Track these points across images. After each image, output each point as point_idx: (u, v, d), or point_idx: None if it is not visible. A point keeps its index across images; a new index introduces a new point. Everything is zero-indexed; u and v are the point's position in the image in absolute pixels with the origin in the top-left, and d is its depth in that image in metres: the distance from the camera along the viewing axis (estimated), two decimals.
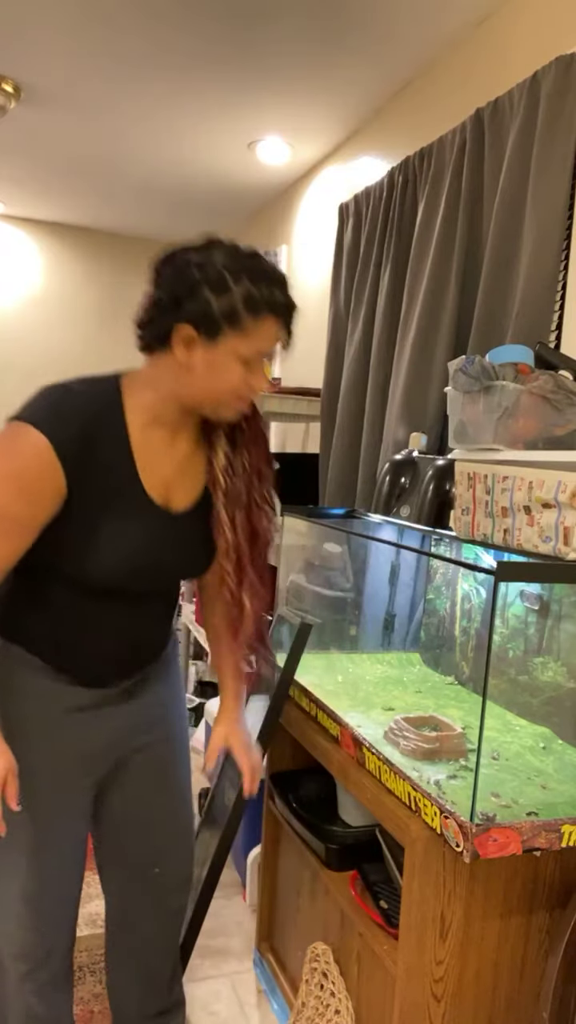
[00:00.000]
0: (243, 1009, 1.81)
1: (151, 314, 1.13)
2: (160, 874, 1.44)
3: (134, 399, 1.17)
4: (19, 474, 1.08)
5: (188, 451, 1.24)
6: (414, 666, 1.97)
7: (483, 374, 1.46)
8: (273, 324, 1.12)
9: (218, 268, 1.08)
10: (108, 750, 1.34)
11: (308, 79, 2.59)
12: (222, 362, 1.11)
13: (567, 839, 1.17)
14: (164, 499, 1.21)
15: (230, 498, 1.23)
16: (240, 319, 1.09)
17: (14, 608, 1.25)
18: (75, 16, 2.31)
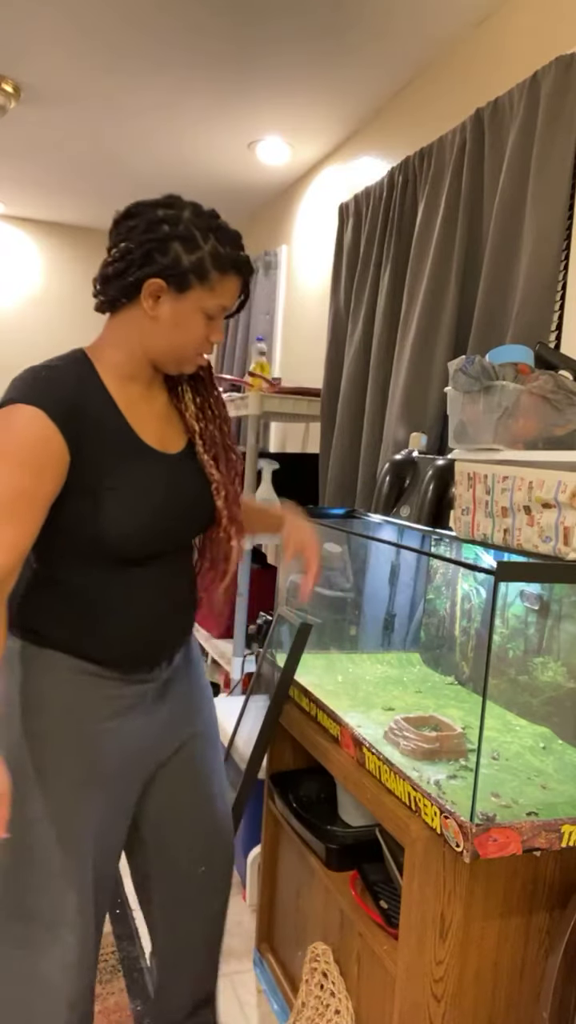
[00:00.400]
0: (243, 1009, 1.81)
1: (119, 267, 1.16)
2: (206, 872, 1.45)
3: (103, 362, 1.21)
4: (19, 448, 1.08)
5: (164, 404, 1.29)
6: (414, 666, 1.97)
7: (483, 374, 1.46)
8: (235, 281, 1.19)
9: (188, 225, 1.14)
10: (150, 754, 1.34)
11: (308, 79, 2.59)
12: (188, 314, 1.17)
13: (567, 839, 1.17)
14: (160, 446, 1.24)
15: (207, 441, 1.29)
16: (208, 274, 1.15)
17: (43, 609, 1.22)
18: (75, 16, 2.31)
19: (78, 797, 1.23)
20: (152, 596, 1.26)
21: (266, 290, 3.75)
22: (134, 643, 1.26)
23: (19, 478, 1.07)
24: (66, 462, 1.11)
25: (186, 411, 1.30)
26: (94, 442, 1.14)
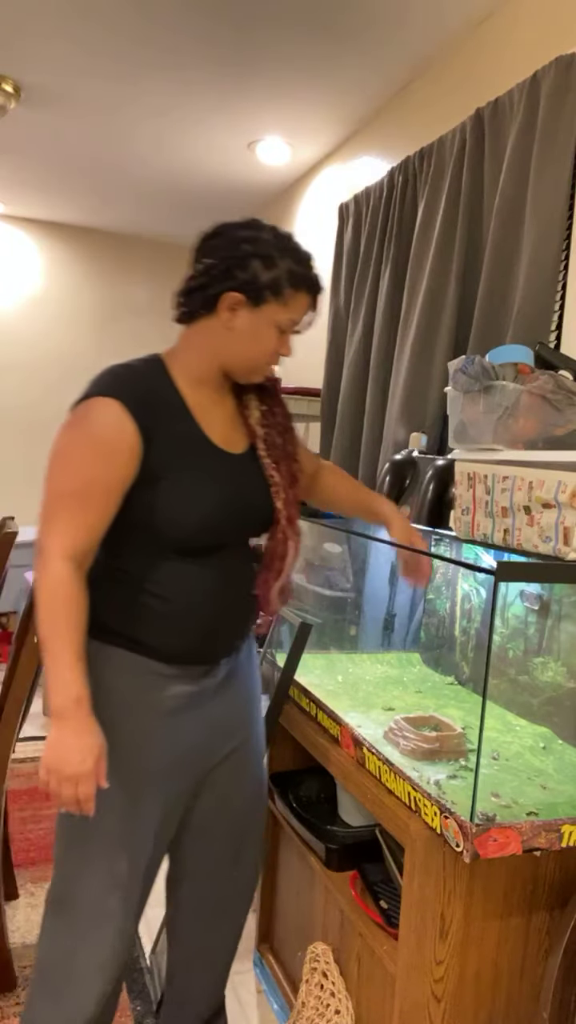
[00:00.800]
0: (243, 1009, 1.81)
1: (201, 281, 1.24)
2: (236, 876, 1.48)
3: (178, 366, 1.28)
4: (96, 438, 1.16)
5: (231, 408, 1.35)
6: (414, 666, 1.97)
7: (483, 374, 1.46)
8: (306, 299, 1.27)
9: (266, 245, 1.23)
10: (205, 755, 1.36)
11: (308, 79, 2.59)
12: (262, 327, 1.25)
13: (567, 839, 1.17)
14: (226, 445, 1.30)
15: (269, 446, 1.35)
16: (282, 290, 1.23)
17: (107, 600, 1.25)
18: (75, 16, 2.31)
19: (131, 792, 1.26)
20: (210, 590, 1.29)
21: None
22: (192, 637, 1.28)
23: (95, 465, 1.16)
24: (138, 452, 1.18)
25: (250, 417, 1.35)
26: (164, 436, 1.21)
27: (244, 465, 1.31)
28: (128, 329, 4.83)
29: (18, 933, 1.99)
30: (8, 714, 1.66)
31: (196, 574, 1.27)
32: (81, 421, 1.18)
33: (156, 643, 1.26)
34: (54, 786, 1.12)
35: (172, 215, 4.26)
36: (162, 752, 1.28)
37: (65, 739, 1.11)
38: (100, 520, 1.17)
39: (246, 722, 1.43)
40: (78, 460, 1.16)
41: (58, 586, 1.13)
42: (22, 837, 2.45)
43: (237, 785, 1.44)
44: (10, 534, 2.37)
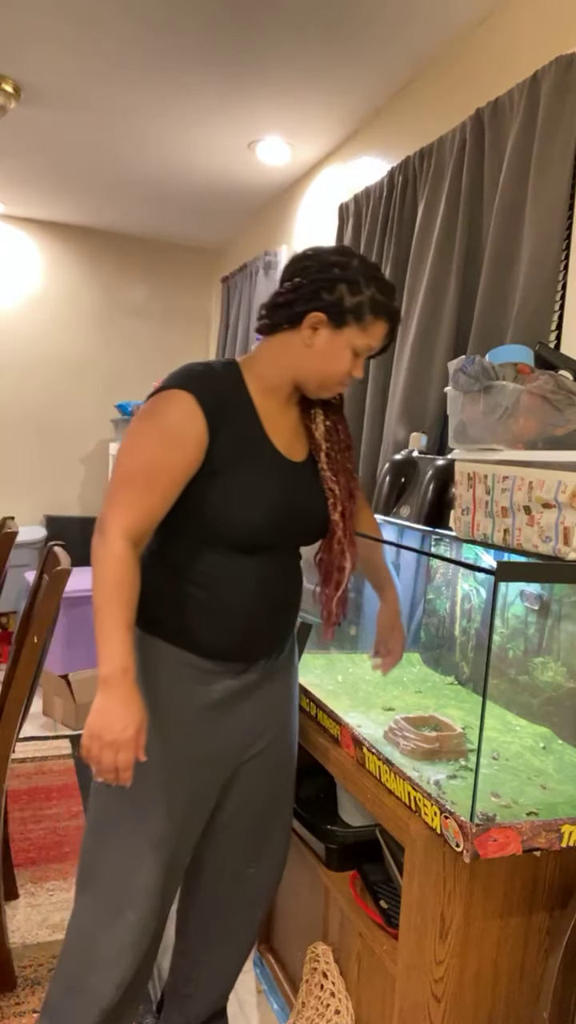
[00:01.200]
0: (243, 1009, 1.81)
1: (289, 298, 1.30)
2: (254, 875, 1.50)
3: (252, 373, 1.34)
4: (167, 426, 1.23)
5: (297, 419, 1.40)
6: (414, 666, 1.97)
7: (483, 374, 1.46)
8: (385, 327, 1.32)
9: (355, 272, 1.28)
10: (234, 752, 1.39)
11: (308, 79, 2.59)
12: (339, 348, 1.30)
13: (567, 839, 1.17)
14: (288, 452, 1.36)
15: (331, 460, 1.40)
16: (363, 316, 1.29)
17: (154, 589, 1.29)
18: (75, 16, 2.31)
19: (160, 779, 1.28)
20: (256, 588, 1.32)
21: (266, 290, 3.75)
22: (232, 634, 1.32)
23: (162, 452, 1.22)
24: (204, 444, 1.24)
25: (316, 430, 1.40)
26: (229, 433, 1.27)
27: (303, 474, 1.37)
28: (127, 329, 4.83)
29: (18, 933, 1.99)
30: (8, 714, 1.66)
31: (243, 570, 1.31)
32: (155, 410, 1.25)
33: (197, 636, 1.30)
34: (95, 752, 1.15)
35: (172, 215, 4.26)
36: (194, 744, 1.32)
37: (110, 706, 1.15)
38: (160, 504, 1.23)
39: (279, 724, 1.45)
40: (148, 445, 1.23)
41: (114, 562, 1.18)
42: (22, 837, 2.45)
43: (263, 785, 1.46)
44: (10, 534, 2.37)
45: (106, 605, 1.18)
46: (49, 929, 2.01)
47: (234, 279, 4.28)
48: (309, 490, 1.37)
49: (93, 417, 4.79)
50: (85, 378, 4.77)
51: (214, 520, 1.27)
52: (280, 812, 1.51)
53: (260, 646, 1.36)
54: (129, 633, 1.18)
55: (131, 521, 1.20)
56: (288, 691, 1.48)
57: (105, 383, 4.80)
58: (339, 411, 1.45)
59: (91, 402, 4.78)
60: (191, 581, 1.30)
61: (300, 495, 1.34)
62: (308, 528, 1.38)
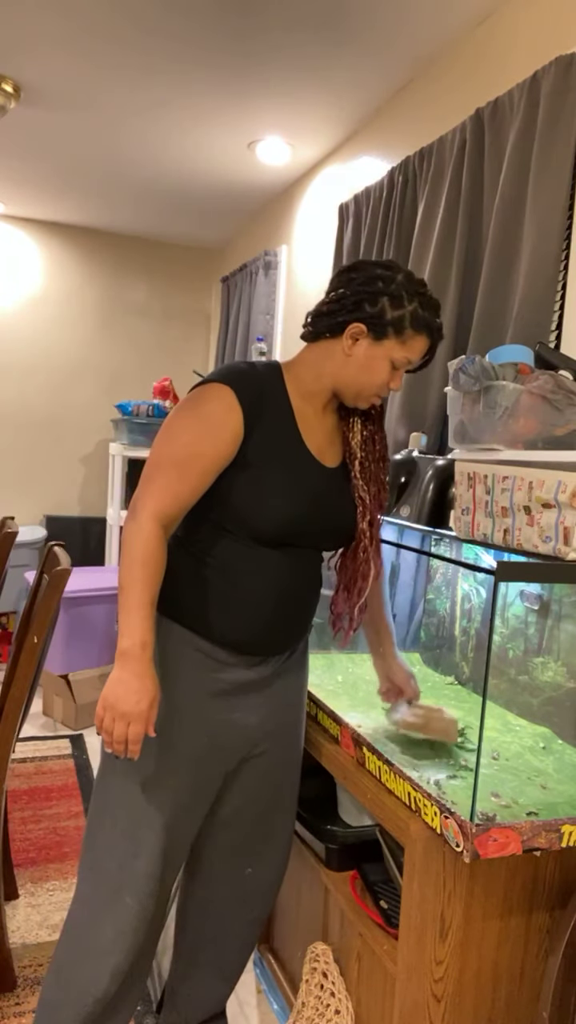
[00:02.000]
0: (243, 1009, 1.81)
1: (332, 307, 1.33)
2: (252, 875, 1.51)
3: (293, 377, 1.37)
4: (206, 416, 1.26)
5: (333, 426, 1.43)
6: (414, 666, 1.97)
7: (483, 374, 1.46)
8: (425, 341, 1.34)
9: (399, 286, 1.30)
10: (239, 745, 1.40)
11: (308, 79, 2.59)
12: (378, 360, 1.33)
13: (567, 839, 1.17)
14: (319, 456, 1.38)
15: (364, 469, 1.42)
16: (404, 330, 1.31)
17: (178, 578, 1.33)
18: (75, 16, 2.31)
19: (163, 763, 1.30)
20: (276, 582, 1.34)
21: (266, 290, 3.75)
22: (251, 624, 1.34)
23: (199, 440, 1.25)
24: (239, 439, 1.28)
25: (352, 438, 1.42)
26: (265, 430, 1.30)
27: (334, 479, 1.39)
28: (128, 329, 4.83)
29: (18, 933, 1.99)
30: (8, 714, 1.66)
31: (264, 564, 1.33)
32: (196, 401, 1.28)
33: (214, 624, 1.32)
34: (108, 722, 1.18)
35: (172, 215, 4.26)
36: (201, 731, 1.33)
37: (126, 679, 1.18)
38: (192, 492, 1.26)
39: (286, 726, 1.47)
40: (185, 434, 1.26)
41: (143, 542, 1.22)
42: (22, 837, 2.45)
43: (266, 784, 1.46)
44: (10, 534, 2.37)
45: (131, 582, 1.21)
46: (49, 929, 2.01)
47: (234, 279, 4.28)
48: (339, 495, 1.39)
49: (93, 417, 4.79)
50: (85, 378, 4.77)
51: (240, 511, 1.29)
52: (281, 814, 1.51)
53: (275, 641, 1.37)
54: (151, 610, 1.21)
55: (163, 504, 1.23)
56: (299, 691, 1.49)
57: (105, 383, 4.80)
58: (379, 422, 1.46)
59: (91, 402, 4.78)
60: (213, 570, 1.32)
61: (328, 498, 1.36)
62: (333, 532, 1.39)
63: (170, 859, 1.34)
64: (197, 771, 1.34)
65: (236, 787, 1.44)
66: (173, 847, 1.34)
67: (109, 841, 1.32)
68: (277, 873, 1.55)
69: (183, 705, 1.32)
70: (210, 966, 1.56)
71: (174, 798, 1.32)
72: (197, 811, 1.38)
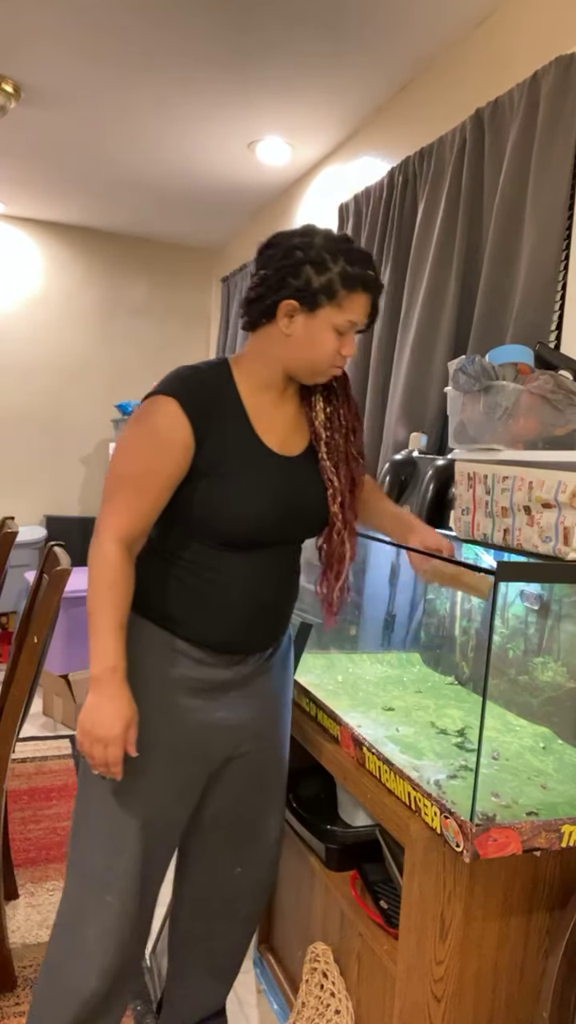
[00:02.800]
0: (243, 1009, 1.81)
1: (259, 291, 1.29)
2: (241, 874, 1.50)
3: (242, 371, 1.33)
4: (154, 431, 1.24)
5: (294, 411, 1.39)
6: (414, 666, 1.97)
7: (483, 374, 1.46)
8: (363, 298, 1.28)
9: (319, 250, 1.25)
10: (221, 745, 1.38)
11: (308, 79, 2.59)
12: (319, 331, 1.27)
13: (567, 839, 1.17)
14: (281, 448, 1.34)
15: (331, 449, 1.38)
16: (336, 293, 1.25)
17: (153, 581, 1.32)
18: (75, 16, 2.31)
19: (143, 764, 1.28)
20: (250, 583, 1.32)
21: None
22: (223, 626, 1.32)
23: (150, 457, 1.24)
24: (190, 449, 1.25)
25: (316, 419, 1.38)
26: (217, 436, 1.27)
27: (300, 468, 1.35)
28: (128, 329, 4.83)
29: (18, 933, 1.99)
30: (8, 714, 1.66)
31: (236, 566, 1.31)
32: (143, 416, 1.26)
33: (189, 625, 1.31)
34: (87, 747, 1.20)
35: (172, 215, 4.26)
36: (181, 731, 1.32)
37: (99, 704, 1.19)
38: (152, 507, 1.25)
39: (270, 725, 1.46)
40: (136, 451, 1.25)
41: (106, 565, 1.21)
42: (22, 837, 2.45)
43: (251, 785, 1.45)
44: (10, 534, 2.37)
45: (99, 606, 1.20)
46: (49, 929, 2.01)
47: (234, 279, 4.28)
48: (307, 483, 1.35)
49: (93, 417, 4.79)
50: (85, 378, 4.77)
51: (205, 520, 1.28)
52: (269, 814, 1.50)
53: (253, 640, 1.36)
54: (119, 633, 1.21)
55: (123, 524, 1.23)
56: (282, 689, 1.48)
57: (105, 383, 4.80)
58: (343, 394, 1.42)
59: (91, 402, 4.78)
60: (186, 572, 1.31)
61: (296, 491, 1.33)
62: (305, 523, 1.37)
63: (153, 858, 1.34)
64: (178, 771, 1.34)
65: (220, 788, 1.44)
66: (155, 847, 1.34)
67: (90, 841, 1.32)
68: (267, 872, 1.54)
69: (162, 705, 1.31)
70: (202, 965, 1.56)
71: (154, 798, 1.32)
72: (180, 811, 1.37)
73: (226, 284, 4.43)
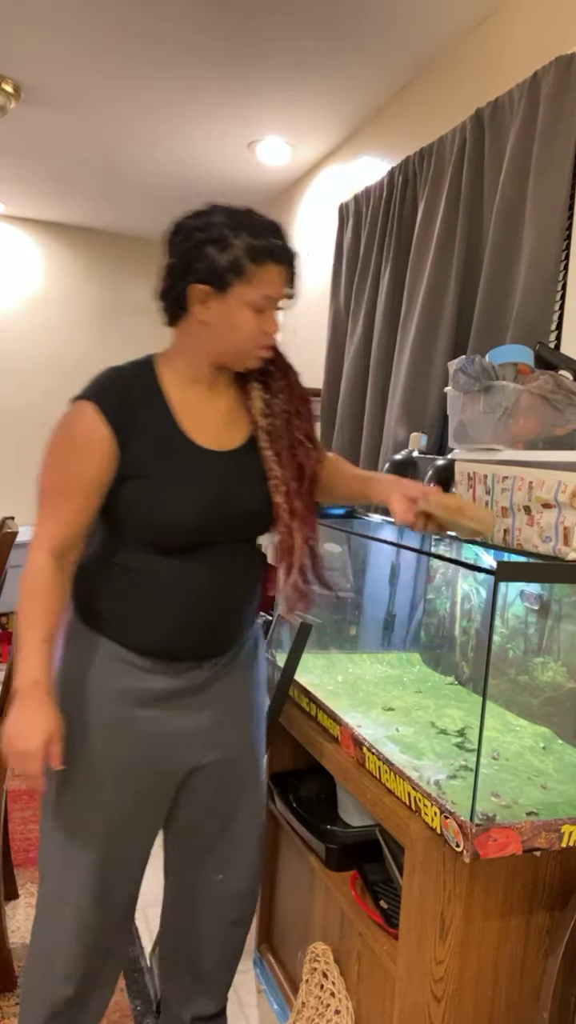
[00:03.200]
0: (243, 1009, 1.81)
1: (168, 282, 1.24)
2: (223, 881, 1.46)
3: (169, 367, 1.29)
4: (72, 438, 1.21)
5: (230, 403, 1.33)
6: (414, 666, 1.97)
7: (483, 374, 1.46)
8: (275, 269, 1.21)
9: (219, 227, 1.19)
10: (183, 754, 1.34)
11: (308, 79, 2.59)
12: (234, 312, 1.21)
13: (567, 839, 1.17)
14: (216, 443, 1.28)
15: (272, 437, 1.31)
16: (243, 269, 1.18)
17: (95, 590, 1.29)
18: (75, 16, 2.31)
19: (92, 781, 1.27)
20: (192, 586, 1.27)
21: None
22: (168, 633, 1.27)
23: (71, 464, 1.21)
24: (113, 454, 1.21)
25: (253, 407, 1.32)
26: (140, 437, 1.22)
27: (239, 461, 1.29)
28: (128, 329, 4.83)
29: (18, 933, 1.99)
30: None
31: (177, 570, 1.26)
32: (63, 424, 1.23)
33: (133, 633, 1.27)
34: (11, 761, 1.18)
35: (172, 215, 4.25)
36: (130, 741, 1.28)
37: (19, 718, 1.17)
38: (79, 515, 1.22)
39: (239, 732, 1.41)
40: (58, 460, 1.22)
41: (35, 576, 1.20)
42: (22, 837, 2.45)
43: (223, 796, 1.41)
44: (10, 534, 2.37)
45: (27, 620, 1.19)
46: None
47: None
48: (245, 477, 1.28)
49: None
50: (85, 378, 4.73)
51: (136, 526, 1.24)
52: (247, 820, 1.46)
53: (202, 645, 1.31)
54: (45, 646, 1.19)
55: (51, 534, 1.20)
56: (250, 693, 1.43)
57: None
58: (281, 376, 1.34)
59: None
60: (127, 579, 1.27)
61: (231, 487, 1.26)
62: (244, 520, 1.29)
63: (114, 869, 1.31)
64: (136, 783, 1.30)
65: (192, 799, 1.39)
66: (116, 858, 1.31)
67: (49, 852, 1.31)
68: (250, 876, 1.49)
69: (112, 717, 1.27)
70: (187, 970, 1.53)
71: (109, 811, 1.28)
72: (142, 822, 1.34)
73: None
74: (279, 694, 1.68)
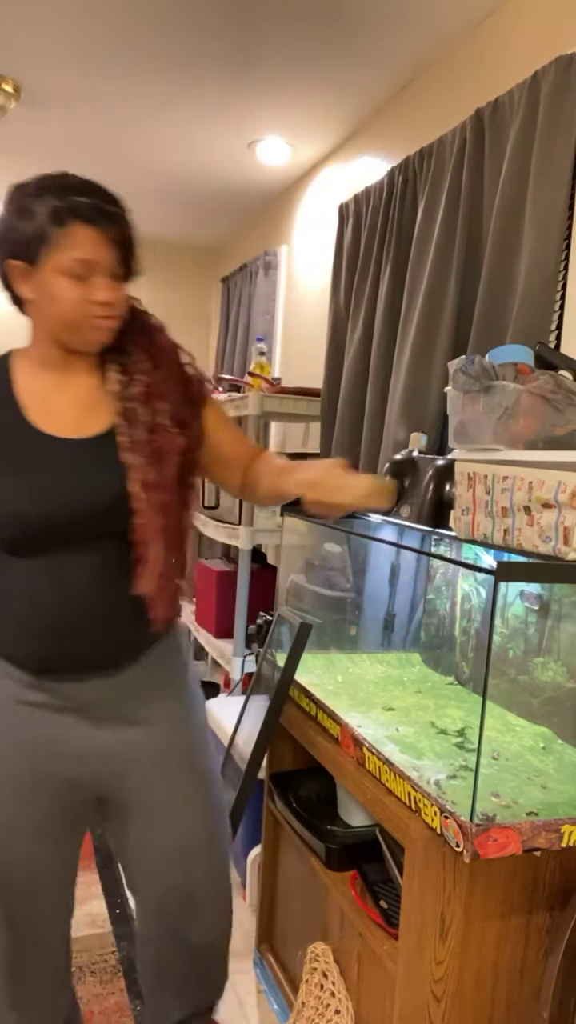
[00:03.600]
0: (243, 1009, 1.81)
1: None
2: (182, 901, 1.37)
3: (22, 356, 1.26)
4: None
5: (88, 388, 1.24)
6: (414, 666, 1.97)
7: (483, 374, 1.46)
8: (84, 229, 1.12)
9: (21, 195, 1.14)
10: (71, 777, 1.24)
11: (308, 79, 2.59)
12: (50, 282, 1.13)
13: (567, 839, 1.17)
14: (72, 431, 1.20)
15: (129, 421, 1.20)
16: (48, 235, 1.11)
17: None
18: (75, 16, 2.31)
19: None
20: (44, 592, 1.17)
21: (266, 290, 3.75)
22: (29, 642, 1.19)
23: None
24: None
25: (110, 388, 1.22)
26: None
27: (97, 449, 1.19)
28: None
29: None
30: None
31: (22, 574, 1.17)
32: None
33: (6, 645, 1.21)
34: None
35: (172, 215, 4.26)
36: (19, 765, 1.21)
37: None
38: None
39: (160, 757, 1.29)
40: None
41: None
42: None
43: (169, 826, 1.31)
44: None
45: None
46: None
47: (234, 279, 4.28)
48: (99, 467, 1.18)
49: None
50: None
51: None
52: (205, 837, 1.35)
53: (72, 656, 1.19)
54: None
55: None
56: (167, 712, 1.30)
57: None
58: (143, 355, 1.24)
59: None
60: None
61: (85, 479, 1.17)
62: (92, 514, 1.17)
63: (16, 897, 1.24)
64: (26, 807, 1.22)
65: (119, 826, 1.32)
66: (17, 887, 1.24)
67: None
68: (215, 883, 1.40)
69: None
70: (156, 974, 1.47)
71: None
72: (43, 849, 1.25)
73: (226, 284, 4.43)
74: (279, 694, 1.68)
